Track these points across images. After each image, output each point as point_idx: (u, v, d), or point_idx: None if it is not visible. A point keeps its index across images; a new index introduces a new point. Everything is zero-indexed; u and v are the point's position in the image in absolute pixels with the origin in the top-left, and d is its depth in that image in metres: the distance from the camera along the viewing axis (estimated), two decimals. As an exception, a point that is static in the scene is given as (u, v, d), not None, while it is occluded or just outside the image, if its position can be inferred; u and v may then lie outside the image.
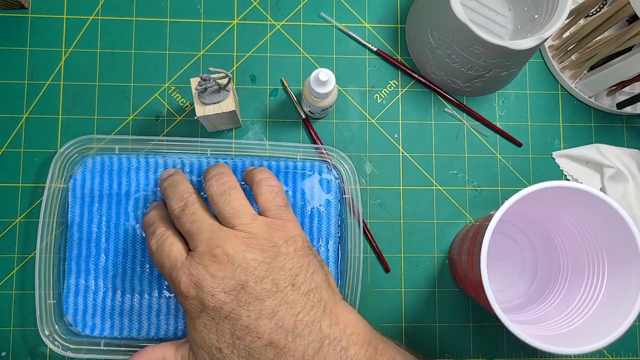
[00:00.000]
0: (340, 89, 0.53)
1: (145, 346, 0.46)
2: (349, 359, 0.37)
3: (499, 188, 0.53)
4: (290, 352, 0.37)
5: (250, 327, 0.37)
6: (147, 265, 0.47)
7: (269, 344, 0.37)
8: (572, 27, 0.54)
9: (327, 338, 0.37)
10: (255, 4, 0.53)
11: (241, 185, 0.43)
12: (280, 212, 0.41)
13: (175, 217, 0.41)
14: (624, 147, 0.54)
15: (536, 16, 0.49)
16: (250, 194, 0.43)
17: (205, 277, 0.37)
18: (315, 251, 0.42)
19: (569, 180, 0.54)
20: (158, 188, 0.48)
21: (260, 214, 0.41)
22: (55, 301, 0.47)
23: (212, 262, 0.38)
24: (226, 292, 0.37)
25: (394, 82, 0.54)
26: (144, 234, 0.46)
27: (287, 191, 0.49)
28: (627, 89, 0.55)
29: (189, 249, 0.40)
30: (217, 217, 0.41)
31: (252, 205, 0.42)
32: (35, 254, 0.48)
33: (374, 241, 0.51)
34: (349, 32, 0.53)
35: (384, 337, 0.40)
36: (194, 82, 0.45)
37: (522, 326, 0.41)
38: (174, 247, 0.40)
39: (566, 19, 0.47)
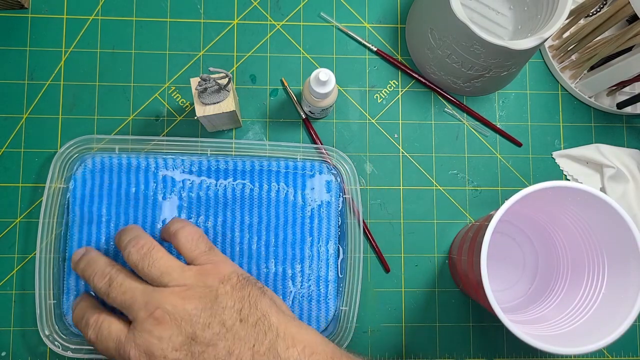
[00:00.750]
0: (340, 89, 0.53)
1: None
2: None
3: (499, 188, 0.53)
4: None
5: None
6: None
7: None
8: (572, 27, 0.54)
9: None
10: (255, 4, 0.53)
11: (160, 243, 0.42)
12: (208, 257, 0.41)
13: (103, 294, 0.40)
14: (624, 147, 0.54)
15: (538, 16, 0.49)
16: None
17: (153, 342, 0.37)
18: (253, 279, 0.42)
19: (569, 180, 0.54)
20: (159, 189, 0.48)
21: (188, 264, 0.41)
22: (55, 301, 0.47)
23: (155, 325, 0.37)
24: (178, 350, 0.37)
25: (394, 82, 0.54)
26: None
27: (287, 191, 0.49)
28: (627, 89, 0.55)
29: (128, 321, 0.39)
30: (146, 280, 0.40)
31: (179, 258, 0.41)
32: (35, 254, 0.48)
33: (374, 241, 0.51)
34: (349, 32, 0.53)
35: (349, 354, 0.40)
36: (194, 82, 0.45)
37: (522, 326, 0.41)
38: (112, 327, 0.39)
39: (566, 19, 0.47)
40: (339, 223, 0.49)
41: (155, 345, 0.37)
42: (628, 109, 0.54)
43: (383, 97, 0.53)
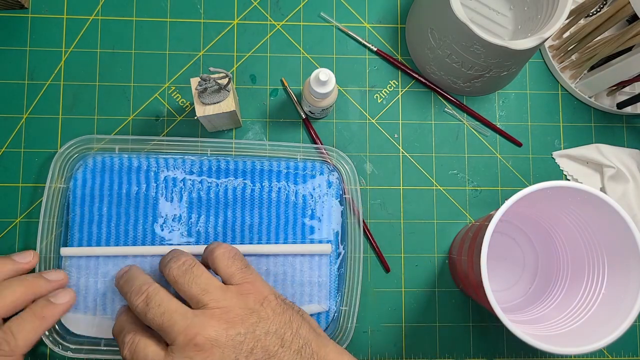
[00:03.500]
0: (340, 89, 0.53)
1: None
2: None
3: (499, 188, 0.53)
4: None
5: None
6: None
7: None
8: (572, 27, 0.54)
9: None
10: (255, 4, 0.53)
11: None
12: (244, 275, 0.41)
13: (140, 314, 0.39)
14: (624, 147, 0.54)
15: (538, 16, 0.49)
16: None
17: None
18: (289, 302, 0.41)
19: (569, 180, 0.54)
20: (159, 188, 0.48)
21: (224, 283, 0.40)
22: (55, 301, 0.47)
23: (196, 351, 0.36)
24: None
25: (394, 82, 0.54)
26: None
27: (287, 191, 0.49)
28: (627, 89, 0.55)
29: (165, 343, 0.38)
30: (183, 299, 0.39)
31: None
32: (35, 254, 0.48)
33: (374, 241, 0.51)
34: (349, 32, 0.53)
35: None
36: (194, 82, 0.45)
37: (522, 326, 0.41)
38: (148, 350, 0.37)
39: (566, 19, 0.47)
40: (339, 223, 0.49)
41: None
42: (628, 109, 0.54)
43: (383, 97, 0.53)
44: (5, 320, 0.41)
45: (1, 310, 0.40)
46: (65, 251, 0.47)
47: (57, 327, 0.46)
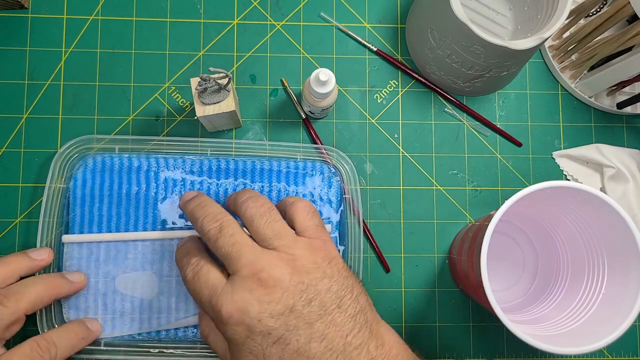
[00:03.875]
0: (340, 89, 0.53)
1: (144, 346, 0.47)
2: None
3: (499, 188, 0.53)
4: None
5: (300, 352, 0.36)
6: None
7: None
8: (572, 27, 0.54)
9: None
10: (255, 4, 0.53)
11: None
12: (319, 232, 0.41)
13: (210, 239, 0.39)
14: (624, 147, 0.54)
15: (538, 16, 0.49)
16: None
17: (251, 302, 0.36)
18: (352, 272, 0.41)
19: (569, 180, 0.54)
20: (159, 188, 0.48)
21: (297, 234, 0.41)
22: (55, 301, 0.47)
23: (258, 285, 0.36)
24: (274, 317, 0.36)
25: (394, 82, 0.54)
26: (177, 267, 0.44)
27: (287, 191, 0.49)
28: (627, 89, 0.55)
29: (227, 274, 0.39)
30: (254, 239, 0.40)
31: None
32: (35, 254, 0.48)
33: (374, 241, 0.51)
34: (349, 32, 0.53)
35: (421, 357, 0.41)
36: (194, 82, 0.45)
37: (522, 326, 0.41)
38: (211, 274, 0.38)
39: (566, 19, 0.47)
40: (339, 223, 0.49)
41: (252, 306, 0.36)
42: (628, 109, 0.54)
43: (383, 97, 0.53)
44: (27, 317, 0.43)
45: (24, 308, 0.42)
46: (66, 238, 0.47)
47: (57, 326, 0.46)
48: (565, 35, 0.54)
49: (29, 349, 0.41)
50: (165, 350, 0.46)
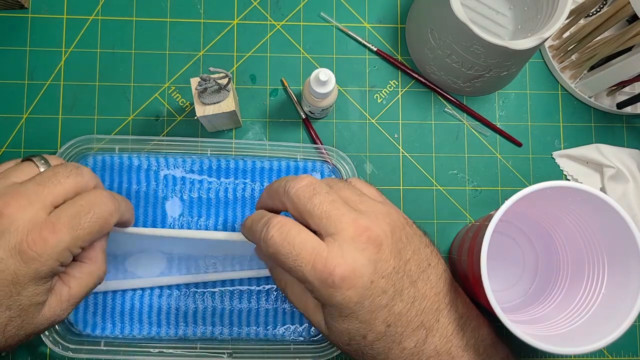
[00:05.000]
0: (340, 89, 0.53)
1: (144, 346, 0.47)
2: (481, 338, 0.38)
3: (499, 188, 0.53)
4: (436, 330, 0.36)
5: (403, 313, 0.35)
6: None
7: (420, 325, 0.36)
8: (572, 27, 0.54)
9: (462, 318, 0.38)
10: (255, 4, 0.53)
11: None
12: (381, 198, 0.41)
13: (304, 197, 0.35)
14: (624, 147, 0.54)
15: (538, 16, 0.49)
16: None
17: (364, 263, 0.33)
18: None
19: (569, 180, 0.54)
20: (159, 188, 0.48)
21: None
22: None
23: (369, 244, 0.33)
24: (384, 277, 0.34)
25: (394, 82, 0.54)
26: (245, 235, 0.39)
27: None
28: (627, 89, 0.55)
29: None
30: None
31: None
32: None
33: (374, 241, 0.51)
34: (349, 32, 0.53)
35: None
36: (194, 82, 0.45)
37: (522, 326, 0.41)
38: (303, 235, 0.34)
39: (566, 19, 0.47)
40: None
41: (365, 268, 0.33)
42: (628, 109, 0.54)
43: (383, 97, 0.53)
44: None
45: (53, 198, 0.35)
46: None
47: (57, 327, 0.46)
48: (565, 35, 0.54)
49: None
50: (165, 350, 0.46)
